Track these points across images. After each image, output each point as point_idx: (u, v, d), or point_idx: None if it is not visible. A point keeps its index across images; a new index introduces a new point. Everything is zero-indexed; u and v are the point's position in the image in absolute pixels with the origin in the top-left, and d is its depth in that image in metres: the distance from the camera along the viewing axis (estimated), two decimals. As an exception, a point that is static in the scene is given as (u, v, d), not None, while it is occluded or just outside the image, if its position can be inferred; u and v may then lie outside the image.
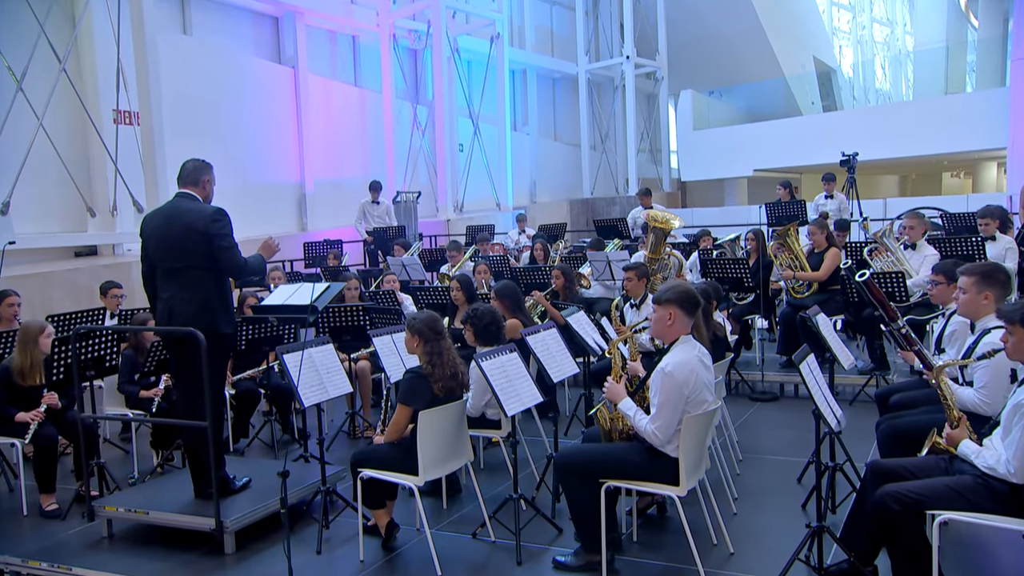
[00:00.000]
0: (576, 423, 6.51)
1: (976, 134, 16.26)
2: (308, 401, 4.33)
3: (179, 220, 4.55)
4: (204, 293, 4.53)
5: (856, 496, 3.83)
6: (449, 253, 9.34)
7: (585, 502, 3.96)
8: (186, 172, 4.67)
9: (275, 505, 4.68)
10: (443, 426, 4.23)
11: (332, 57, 16.26)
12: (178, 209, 4.60)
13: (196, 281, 4.53)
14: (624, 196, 21.43)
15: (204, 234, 4.46)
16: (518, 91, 20.66)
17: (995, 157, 22.35)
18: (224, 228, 4.48)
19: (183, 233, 4.51)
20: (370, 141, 16.32)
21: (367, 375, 6.59)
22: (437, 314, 4.46)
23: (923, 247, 7.06)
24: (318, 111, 15.19)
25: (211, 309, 4.53)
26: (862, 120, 19.37)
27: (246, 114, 13.80)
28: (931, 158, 20.07)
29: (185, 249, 4.51)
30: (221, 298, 4.59)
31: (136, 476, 5.73)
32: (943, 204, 14.21)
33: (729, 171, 20.82)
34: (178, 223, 4.55)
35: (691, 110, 21.11)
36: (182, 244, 4.51)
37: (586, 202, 21.32)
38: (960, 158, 22.12)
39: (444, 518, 4.83)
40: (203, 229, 4.46)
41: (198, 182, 4.67)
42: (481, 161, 17.25)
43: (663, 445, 3.81)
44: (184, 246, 4.51)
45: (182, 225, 4.53)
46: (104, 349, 5.26)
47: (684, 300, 3.93)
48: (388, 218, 12.43)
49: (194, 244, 4.48)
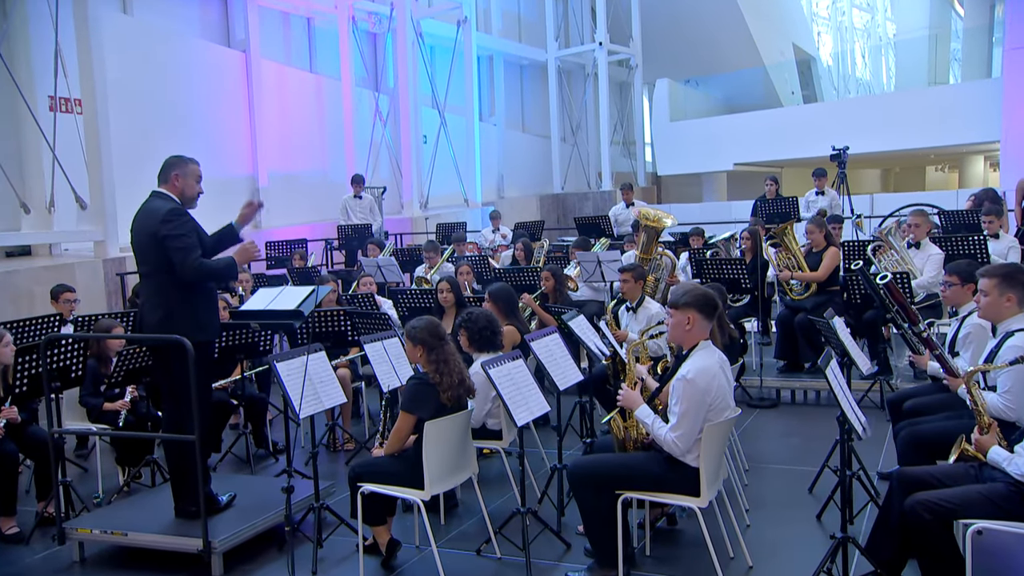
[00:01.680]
0: (571, 433, 6.60)
1: (966, 127, 16.74)
2: (304, 413, 4.37)
3: (141, 221, 4.64)
4: (166, 300, 4.57)
5: (882, 505, 3.99)
6: (426, 254, 9.39)
7: (600, 515, 4.07)
8: (161, 171, 4.71)
9: (263, 524, 4.73)
10: (449, 437, 4.30)
11: (286, 41, 16.18)
12: (144, 210, 4.67)
13: (159, 287, 4.59)
14: (597, 191, 21.63)
15: (153, 236, 4.50)
16: (484, 79, 20.72)
17: (982, 151, 23.00)
18: (176, 228, 4.47)
19: (142, 238, 4.59)
20: (328, 132, 16.27)
21: (347, 384, 6.62)
22: (436, 318, 4.53)
23: (927, 246, 7.31)
24: (272, 99, 15.09)
25: (173, 316, 4.55)
26: (848, 112, 19.79)
27: (194, 102, 13.65)
28: (918, 152, 20.58)
29: (146, 253, 4.59)
30: (187, 304, 4.59)
31: (101, 495, 5.70)
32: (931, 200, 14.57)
33: (708, 165, 21.10)
34: (140, 224, 4.63)
35: (667, 100, 21.36)
36: (143, 249, 4.60)
37: (557, 198, 21.48)
38: (947, 152, 22.72)
39: (443, 534, 4.90)
40: (154, 231, 4.50)
41: (167, 178, 4.67)
42: (448, 154, 17.29)
43: (683, 455, 3.94)
44: (145, 251, 4.59)
45: (141, 227, 4.61)
46: (69, 358, 5.23)
47: (702, 304, 4.05)
48: (372, 213, 12.45)
49: (151, 248, 4.54)
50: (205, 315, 4.67)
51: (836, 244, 7.96)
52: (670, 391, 4.00)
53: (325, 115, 16.29)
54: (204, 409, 4.51)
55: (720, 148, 20.20)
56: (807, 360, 7.78)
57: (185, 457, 4.57)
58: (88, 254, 10.98)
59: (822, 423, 7.00)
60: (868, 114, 18.66)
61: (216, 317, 4.83)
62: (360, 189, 12.63)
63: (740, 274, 7.76)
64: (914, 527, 3.52)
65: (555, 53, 21.72)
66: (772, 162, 21.23)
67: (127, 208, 11.25)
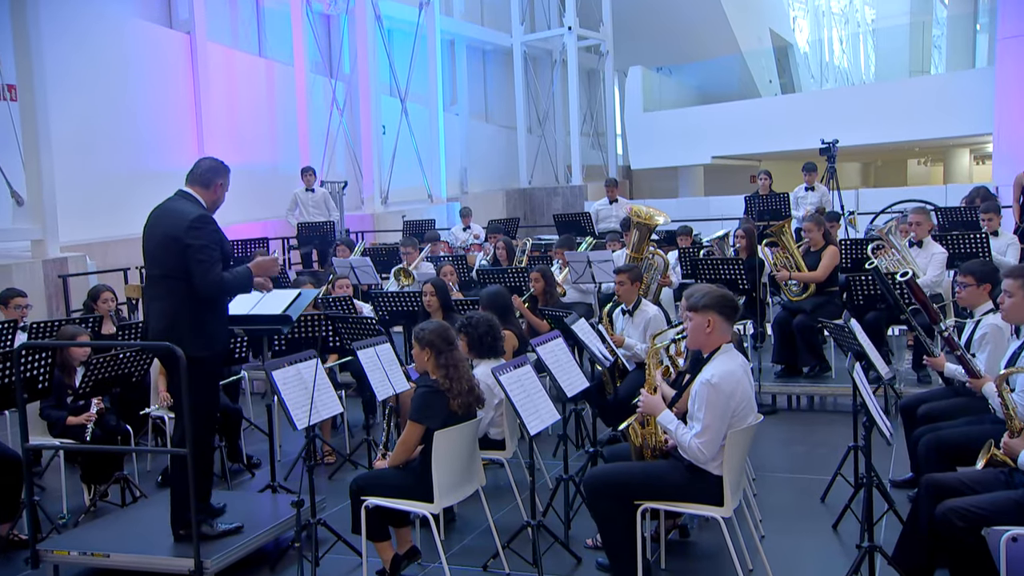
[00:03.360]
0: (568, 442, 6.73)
1: (955, 119, 17.23)
2: (300, 424, 4.44)
3: (162, 222, 4.65)
4: (174, 307, 4.60)
5: (909, 513, 4.19)
6: (403, 249, 9.43)
7: (619, 526, 4.21)
8: (198, 170, 4.73)
9: (256, 542, 4.79)
10: (459, 447, 4.41)
11: (233, 22, 16.10)
12: (167, 210, 4.69)
13: (169, 292, 4.61)
14: (567, 186, 21.83)
15: (177, 241, 4.52)
16: (445, 65, 20.82)
17: (967, 144, 23.66)
18: (201, 238, 4.50)
19: (161, 239, 4.61)
20: (280, 121, 16.22)
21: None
22: (447, 323, 4.63)
23: (930, 245, 7.58)
24: (219, 85, 15.00)
25: (178, 326, 4.58)
26: (832, 102, 20.18)
27: (134, 88, 13.51)
28: (903, 145, 21.10)
29: (162, 256, 4.61)
30: (194, 315, 4.61)
31: (67, 515, 5.70)
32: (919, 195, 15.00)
33: (685, 158, 21.39)
34: (160, 225, 4.64)
35: (641, 89, 21.62)
36: (159, 250, 4.62)
37: (524, 193, 21.64)
38: (933, 145, 23.30)
39: (445, 550, 4.99)
40: (177, 236, 4.51)
41: (209, 184, 4.72)
42: (410, 146, 17.35)
43: (707, 462, 4.09)
44: (160, 253, 4.61)
45: (161, 230, 4.62)
46: (36, 368, 5.23)
47: (723, 305, 4.21)
48: (326, 209, 12.43)
49: (169, 253, 4.57)
50: (213, 326, 4.70)
51: (835, 242, 8.20)
52: (691, 396, 4.15)
53: (276, 103, 16.24)
54: (197, 424, 4.54)
55: (698, 140, 20.47)
56: (806, 364, 7.98)
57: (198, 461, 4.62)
58: (25, 254, 10.85)
59: (825, 430, 7.24)
60: (852, 105, 19.03)
61: (225, 328, 4.88)
62: (312, 181, 12.61)
63: (737, 274, 7.96)
64: (946, 535, 3.71)
65: (521, 38, 21.88)
66: (752, 155, 21.61)
67: (68, 204, 11.31)
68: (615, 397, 6.23)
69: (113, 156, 12.90)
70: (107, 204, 12.69)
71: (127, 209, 13.08)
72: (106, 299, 7.55)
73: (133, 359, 5.66)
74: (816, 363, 7.90)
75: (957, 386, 5.36)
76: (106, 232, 12.54)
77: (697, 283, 8.20)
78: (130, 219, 13.29)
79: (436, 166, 17.90)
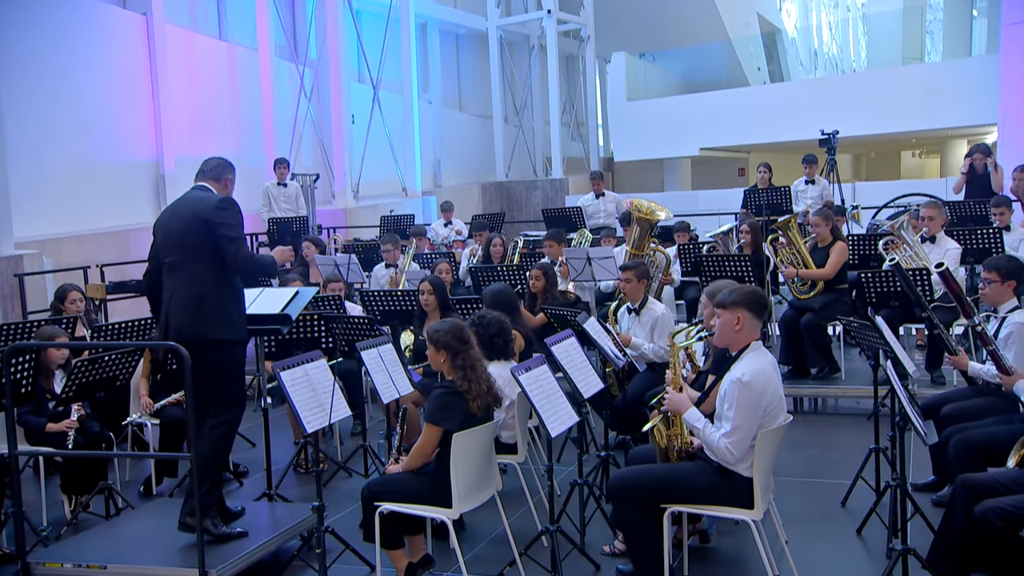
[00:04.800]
0: (569, 447, 6.87)
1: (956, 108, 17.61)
2: (311, 427, 4.54)
3: (184, 209, 4.98)
4: (200, 291, 4.84)
5: (944, 515, 4.37)
6: (383, 246, 9.51)
7: (647, 531, 4.36)
8: (208, 167, 5.15)
9: (263, 549, 4.89)
10: (477, 450, 4.54)
11: (191, 3, 16.06)
12: (187, 199, 5.04)
13: (194, 278, 4.87)
14: (546, 179, 21.99)
15: (206, 222, 4.83)
16: (417, 51, 20.90)
17: (966, 135, 24.10)
18: (230, 217, 4.88)
19: (186, 222, 4.92)
20: (243, 110, 16.22)
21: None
22: (461, 321, 4.75)
23: (943, 240, 7.82)
24: (178, 70, 14.93)
25: (205, 310, 4.83)
26: (825, 91, 20.53)
27: (86, 74, 13.39)
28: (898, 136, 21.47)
29: (186, 240, 4.89)
30: (221, 298, 4.88)
31: (48, 527, 5.75)
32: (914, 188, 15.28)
33: (672, 149, 21.62)
34: (183, 212, 4.97)
35: (625, 77, 21.82)
36: (183, 235, 4.91)
37: (501, 186, 21.78)
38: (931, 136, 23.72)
39: (455, 560, 5.12)
40: (206, 217, 4.84)
41: (220, 178, 5.12)
42: (382, 136, 17.41)
43: (736, 463, 4.25)
44: (185, 237, 4.90)
45: (186, 213, 4.95)
46: (19, 372, 5.29)
47: (752, 302, 4.36)
48: (298, 204, 12.46)
49: (196, 235, 4.87)
50: (237, 311, 4.98)
51: (843, 238, 8.41)
52: (720, 395, 4.30)
53: (239, 90, 16.23)
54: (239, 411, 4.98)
55: (684, 131, 20.71)
56: (814, 365, 8.17)
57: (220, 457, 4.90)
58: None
59: (837, 433, 7.45)
60: (846, 94, 19.38)
61: (244, 317, 5.07)
62: (285, 175, 12.62)
63: (744, 271, 8.14)
64: (985, 536, 3.90)
65: (497, 21, 22.01)
66: (742, 146, 21.88)
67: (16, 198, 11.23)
68: (623, 399, 6.37)
69: (64, 147, 12.79)
70: (58, 198, 12.60)
71: (80, 203, 13.06)
72: (74, 299, 7.58)
73: (119, 361, 5.73)
74: (825, 364, 8.08)
75: (981, 385, 5.57)
76: (58, 229, 12.48)
77: (701, 280, 8.47)
78: (84, 214, 13.29)
79: (410, 158, 17.97)
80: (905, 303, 7.39)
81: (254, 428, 7.85)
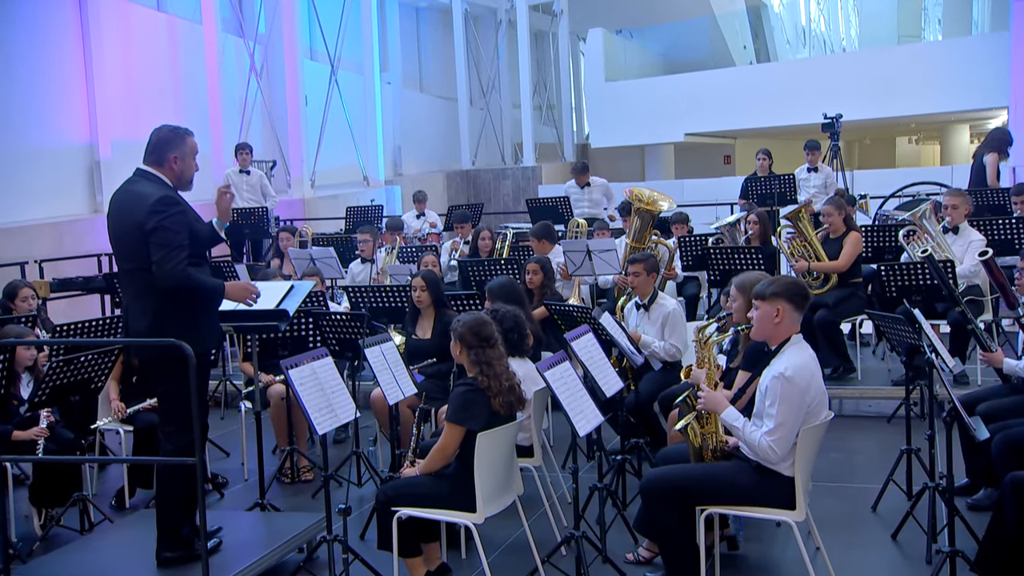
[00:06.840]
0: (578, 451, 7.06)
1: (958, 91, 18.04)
2: (321, 428, 4.68)
3: (124, 209, 4.77)
4: (155, 304, 4.73)
5: (993, 516, 4.62)
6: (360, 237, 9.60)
7: (682, 535, 4.57)
8: (150, 144, 4.82)
9: (259, 566, 5.01)
10: (501, 451, 4.71)
11: (127, -29, 16.02)
12: (126, 193, 4.81)
13: (148, 287, 4.71)
14: (517, 167, 22.15)
15: (140, 227, 4.62)
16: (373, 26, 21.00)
17: (967, 119, 24.67)
18: (165, 221, 4.58)
19: (127, 226, 4.72)
20: (186, 89, 16.18)
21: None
22: (486, 317, 4.92)
23: (967, 231, 8.10)
24: (113, 45, 14.79)
25: (162, 323, 4.70)
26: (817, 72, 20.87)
27: (11, 49, 13.25)
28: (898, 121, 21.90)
29: (130, 247, 4.73)
30: (180, 310, 4.75)
31: (18, 542, 5.81)
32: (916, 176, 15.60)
33: (655, 135, 21.82)
34: (122, 213, 4.77)
35: (603, 56, 22.02)
36: (127, 241, 4.74)
37: (467, 175, 21.91)
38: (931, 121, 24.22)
39: (468, 569, 5.30)
40: (140, 221, 4.61)
41: (162, 160, 4.80)
42: (340, 120, 17.48)
43: (778, 462, 4.46)
44: (128, 244, 4.73)
45: (125, 216, 4.74)
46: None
47: (793, 293, 4.58)
48: (264, 194, 12.51)
49: (133, 241, 4.68)
50: (202, 322, 4.86)
51: (857, 228, 8.67)
52: (760, 391, 4.52)
53: (181, 67, 16.18)
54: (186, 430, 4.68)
55: (669, 114, 20.89)
56: (828, 365, 8.39)
57: (170, 488, 4.81)
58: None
59: (858, 436, 7.71)
60: (841, 75, 19.69)
61: (216, 324, 5.04)
62: (248, 162, 12.66)
63: (755, 264, 8.37)
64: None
65: (461, -7, 22.15)
66: (729, 132, 22.18)
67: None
68: (636, 398, 6.57)
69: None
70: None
71: (8, 192, 12.99)
72: (25, 296, 7.63)
73: (96, 362, 5.80)
74: (840, 363, 8.33)
75: (1016, 382, 5.85)
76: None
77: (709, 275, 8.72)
78: (11, 204, 13.20)
79: (372, 143, 18.05)
80: (927, 298, 7.64)
81: (227, 436, 7.98)
